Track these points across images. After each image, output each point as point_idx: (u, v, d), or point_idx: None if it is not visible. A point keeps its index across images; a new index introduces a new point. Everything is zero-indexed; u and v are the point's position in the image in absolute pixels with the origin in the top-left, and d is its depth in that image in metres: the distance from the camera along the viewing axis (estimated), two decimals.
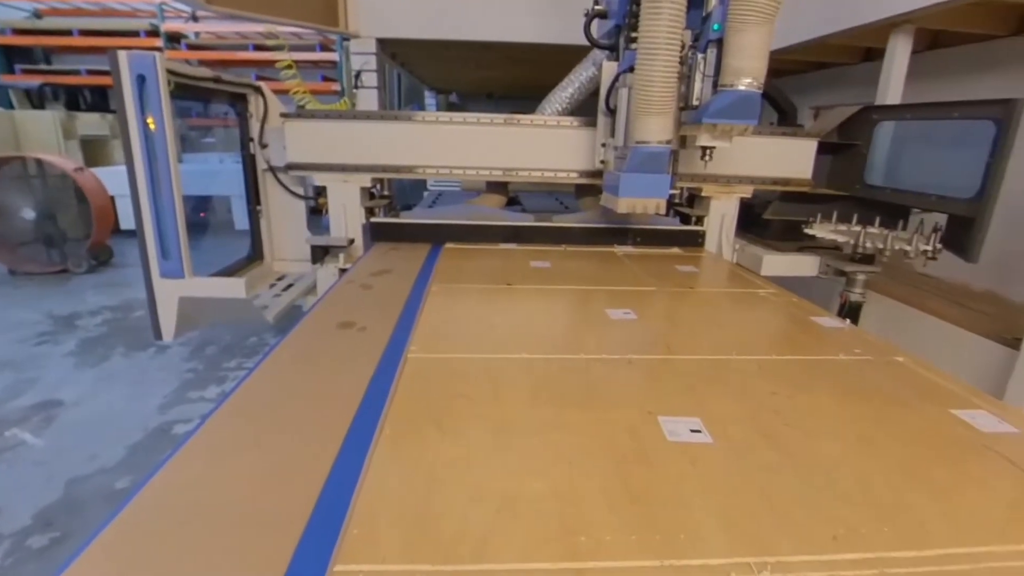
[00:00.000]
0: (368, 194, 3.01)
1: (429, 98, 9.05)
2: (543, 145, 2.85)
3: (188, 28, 8.43)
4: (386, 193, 3.17)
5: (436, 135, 2.79)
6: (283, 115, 2.81)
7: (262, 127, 3.01)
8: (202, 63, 7.93)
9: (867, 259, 2.61)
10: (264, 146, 3.04)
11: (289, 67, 3.36)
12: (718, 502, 0.85)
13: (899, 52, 3.35)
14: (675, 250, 2.81)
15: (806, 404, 1.19)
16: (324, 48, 7.84)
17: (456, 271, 2.23)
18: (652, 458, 0.97)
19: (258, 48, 8.26)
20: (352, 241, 2.91)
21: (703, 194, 2.96)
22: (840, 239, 2.54)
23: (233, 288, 2.53)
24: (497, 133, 2.80)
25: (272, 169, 3.07)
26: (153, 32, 8.41)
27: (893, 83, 3.36)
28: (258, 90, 2.98)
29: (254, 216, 3.17)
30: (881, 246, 2.46)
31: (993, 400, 1.23)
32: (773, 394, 1.23)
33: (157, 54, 2.17)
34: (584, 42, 2.79)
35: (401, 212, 3.14)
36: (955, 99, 2.51)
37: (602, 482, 0.89)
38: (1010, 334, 2.43)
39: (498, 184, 3.32)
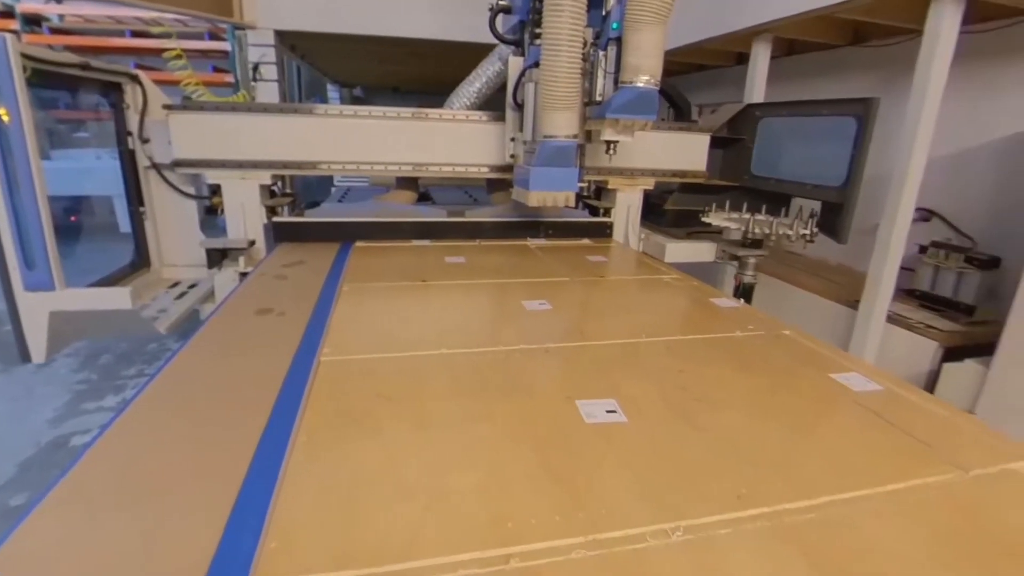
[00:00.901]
0: (269, 192, 2.84)
1: (332, 92, 8.69)
2: (453, 140, 2.84)
3: (49, 9, 7.47)
4: (288, 191, 3.01)
5: (341, 129, 2.69)
6: (166, 107, 2.58)
7: (141, 120, 2.75)
8: (69, 49, 7.07)
9: (756, 244, 2.85)
10: (145, 141, 2.77)
11: (179, 57, 3.09)
12: (635, 476, 0.90)
13: (760, 57, 3.82)
14: (585, 241, 2.91)
15: (709, 379, 1.29)
16: (214, 36, 7.26)
17: (368, 269, 2.17)
18: (572, 441, 1.00)
19: (136, 34, 7.49)
20: (253, 242, 2.74)
21: (609, 187, 3.09)
22: (732, 226, 2.75)
23: (117, 299, 2.30)
24: (405, 127, 2.75)
25: (156, 166, 2.81)
26: (7, 13, 7.39)
27: (757, 84, 3.84)
28: (135, 79, 2.72)
29: (137, 218, 2.89)
30: (768, 231, 2.70)
31: (863, 363, 1.40)
32: (680, 372, 1.31)
33: (8, 36, 1.91)
34: (488, 40, 2.81)
35: (306, 210, 3.00)
36: (806, 98, 2.85)
37: (525, 468, 0.91)
38: (852, 298, 3.03)
39: (408, 180, 3.26)
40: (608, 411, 1.11)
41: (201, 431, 1.01)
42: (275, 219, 2.74)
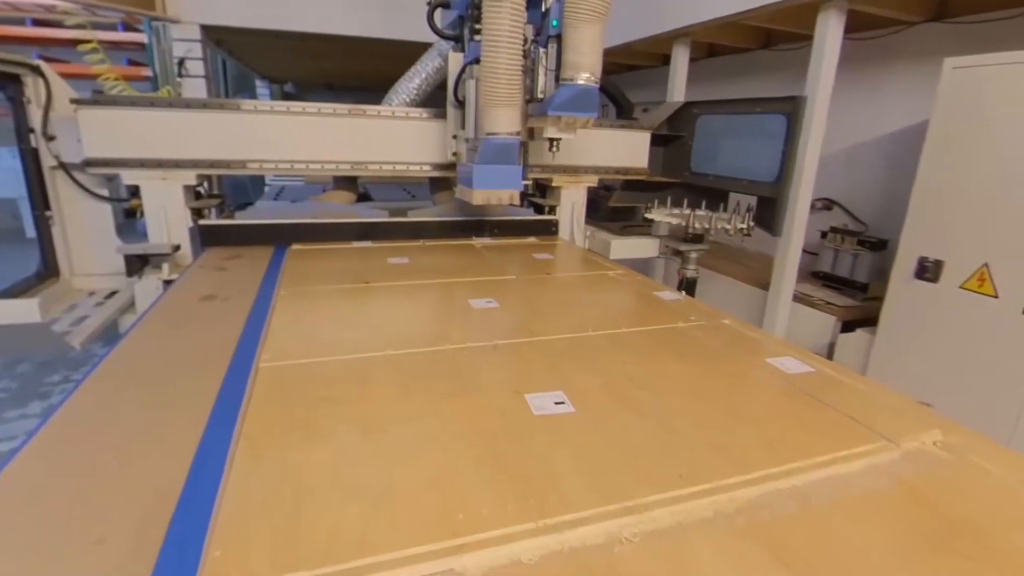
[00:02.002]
0: (194, 193, 2.73)
1: (261, 88, 8.40)
2: (393, 137, 2.82)
3: None
4: (216, 192, 2.90)
5: (272, 127, 2.62)
6: (74, 101, 2.43)
7: (45, 115, 2.58)
8: None
9: (697, 238, 3.00)
10: (51, 138, 2.60)
11: (95, 49, 2.91)
12: (583, 463, 0.94)
13: (680, 58, 4.21)
14: (531, 239, 2.96)
15: (653, 368, 1.36)
16: (128, 27, 6.86)
17: (306, 273, 2.13)
18: (521, 433, 1.03)
19: (39, 23, 6.99)
20: (178, 247, 2.62)
21: (554, 184, 3.16)
22: (673, 222, 2.88)
23: (22, 311, 2.15)
24: (342, 125, 2.72)
25: (64, 166, 2.65)
26: None
27: (677, 84, 4.21)
28: (36, 70, 2.55)
29: (43, 223, 2.70)
30: (707, 226, 2.84)
31: (796, 347, 1.51)
32: (625, 363, 1.38)
33: None
34: (422, 38, 2.83)
35: (236, 212, 2.90)
36: (727, 97, 3.16)
37: (476, 462, 0.93)
38: (765, 281, 3.40)
39: (346, 179, 3.21)
40: (556, 403, 1.15)
41: (131, 445, 0.98)
42: (202, 222, 2.64)
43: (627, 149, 3.32)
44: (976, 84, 2.62)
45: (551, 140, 2.59)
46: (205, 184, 2.91)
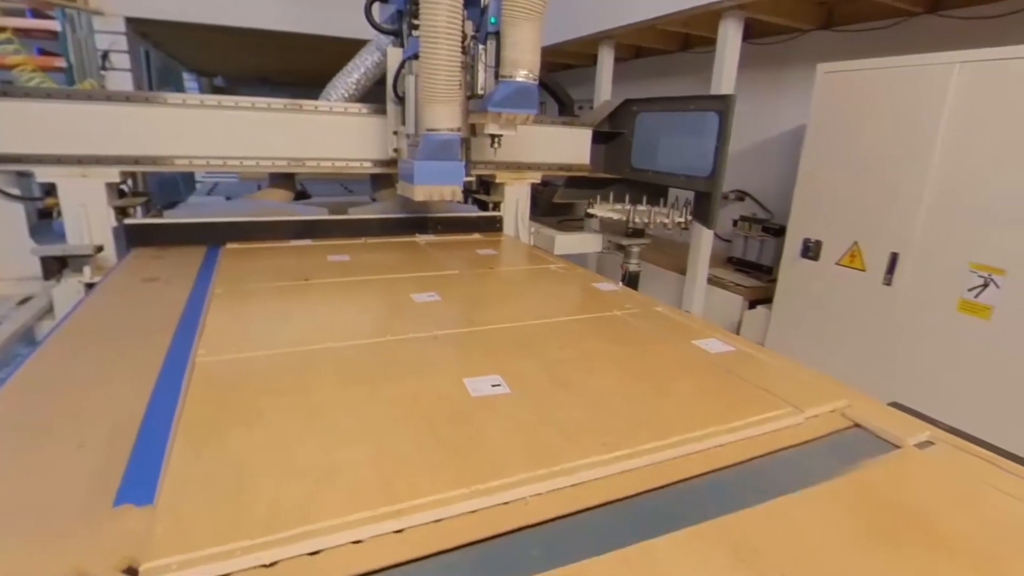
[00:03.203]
0: (117, 191, 2.67)
1: (190, 81, 8.12)
2: (332, 133, 2.85)
3: None
4: (142, 189, 2.84)
5: (203, 121, 2.60)
6: None
7: None
8: None
9: (638, 233, 3.16)
10: None
11: (10, 40, 2.79)
12: (517, 436, 1.03)
13: (606, 59, 4.65)
14: (475, 236, 3.05)
15: (587, 352, 1.47)
16: (38, 14, 6.49)
17: (242, 271, 2.14)
18: (460, 413, 1.12)
19: None
20: (100, 248, 2.56)
21: (497, 181, 3.26)
22: (614, 217, 3.03)
23: None
24: (278, 120, 2.72)
25: None
26: None
27: (603, 84, 4.64)
28: None
29: None
30: (647, 221, 3.01)
31: (722, 330, 1.66)
32: (561, 348, 1.48)
33: None
34: (360, 35, 2.87)
35: (164, 211, 2.85)
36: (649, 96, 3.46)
37: (415, 440, 1.01)
38: (683, 267, 3.87)
39: (284, 176, 3.21)
40: (493, 385, 1.24)
41: (64, 452, 1.00)
42: (127, 221, 2.58)
43: (569, 145, 3.46)
44: (843, 87, 3.15)
45: (492, 136, 2.68)
46: (129, 182, 2.85)
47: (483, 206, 3.38)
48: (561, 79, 6.03)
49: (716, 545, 0.77)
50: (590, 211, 3.20)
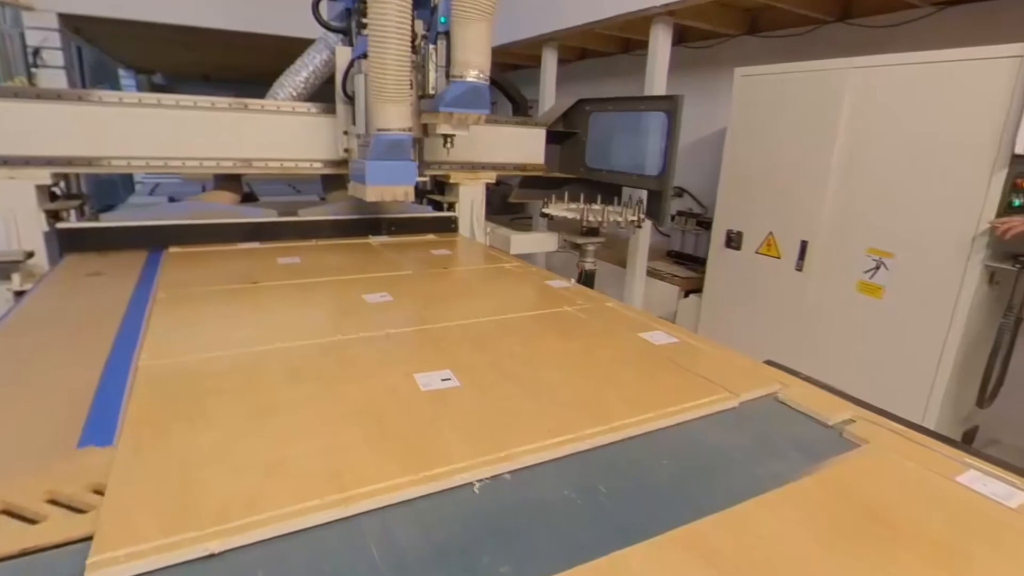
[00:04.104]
0: (49, 194, 2.60)
1: (126, 78, 7.87)
2: (280, 133, 2.84)
3: None
4: (76, 191, 2.77)
5: (142, 120, 2.56)
6: None
7: None
8: None
9: (593, 232, 3.26)
10: None
11: None
12: (465, 426, 1.09)
13: (549, 61, 5.01)
14: (430, 237, 3.09)
15: (537, 347, 1.53)
16: None
17: (186, 276, 2.12)
18: (409, 406, 1.16)
19: None
20: (31, 255, 2.49)
21: (451, 181, 3.30)
22: (569, 216, 3.12)
23: None
24: (223, 119, 2.70)
25: None
26: None
27: (547, 84, 5.00)
28: None
29: None
30: (601, 219, 3.11)
31: (666, 323, 1.75)
32: (512, 343, 1.54)
33: None
34: (306, 34, 2.87)
35: (101, 214, 2.78)
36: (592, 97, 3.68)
37: (364, 433, 1.05)
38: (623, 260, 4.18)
39: (230, 177, 3.17)
40: (443, 379, 1.29)
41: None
42: (60, 225, 2.52)
43: (524, 145, 3.53)
44: (758, 89, 3.54)
45: (445, 136, 2.73)
46: (63, 183, 2.78)
47: (438, 206, 3.41)
48: (514, 78, 6.12)
49: (687, 552, 0.78)
50: (545, 210, 3.28)
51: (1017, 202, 2.54)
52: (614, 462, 1.01)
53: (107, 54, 6.33)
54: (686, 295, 4.22)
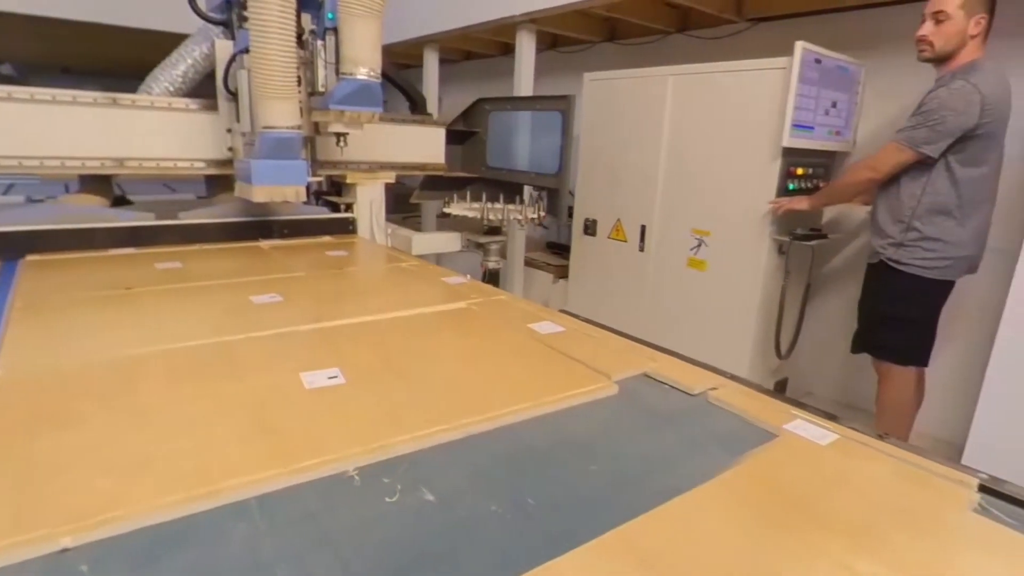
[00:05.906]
0: None
1: None
2: (157, 131, 2.73)
3: None
4: None
5: None
6: None
7: None
8: None
9: (495, 231, 3.37)
10: None
11: None
12: (345, 421, 1.14)
13: (430, 61, 5.49)
14: (326, 238, 3.07)
15: (429, 342, 1.60)
16: None
17: (49, 286, 2.01)
18: (290, 403, 1.20)
19: None
20: None
21: (348, 181, 3.30)
22: (470, 215, 3.22)
23: None
24: (88, 115, 2.56)
25: None
26: None
27: (430, 85, 5.41)
28: None
29: None
30: (501, 218, 3.22)
31: (555, 313, 1.88)
32: (404, 340, 1.60)
33: None
34: (179, 29, 2.79)
35: None
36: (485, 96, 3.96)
37: (239, 429, 1.08)
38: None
39: (98, 178, 3.00)
40: (330, 377, 1.33)
41: None
42: None
43: (423, 144, 3.59)
44: (603, 93, 4.16)
45: (338, 135, 2.75)
46: None
47: (334, 207, 3.40)
48: (411, 76, 6.21)
49: (621, 556, 0.80)
50: (446, 210, 3.35)
51: (792, 186, 3.33)
52: (495, 448, 1.10)
53: None
54: (556, 280, 4.86)
